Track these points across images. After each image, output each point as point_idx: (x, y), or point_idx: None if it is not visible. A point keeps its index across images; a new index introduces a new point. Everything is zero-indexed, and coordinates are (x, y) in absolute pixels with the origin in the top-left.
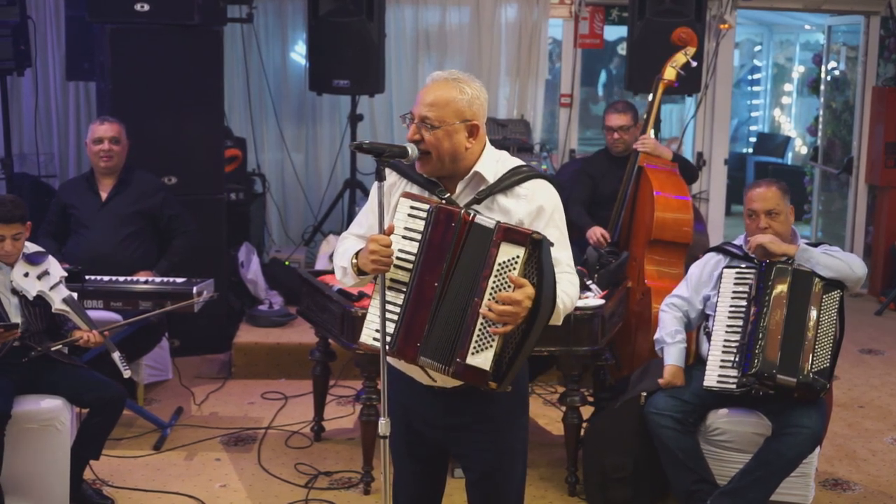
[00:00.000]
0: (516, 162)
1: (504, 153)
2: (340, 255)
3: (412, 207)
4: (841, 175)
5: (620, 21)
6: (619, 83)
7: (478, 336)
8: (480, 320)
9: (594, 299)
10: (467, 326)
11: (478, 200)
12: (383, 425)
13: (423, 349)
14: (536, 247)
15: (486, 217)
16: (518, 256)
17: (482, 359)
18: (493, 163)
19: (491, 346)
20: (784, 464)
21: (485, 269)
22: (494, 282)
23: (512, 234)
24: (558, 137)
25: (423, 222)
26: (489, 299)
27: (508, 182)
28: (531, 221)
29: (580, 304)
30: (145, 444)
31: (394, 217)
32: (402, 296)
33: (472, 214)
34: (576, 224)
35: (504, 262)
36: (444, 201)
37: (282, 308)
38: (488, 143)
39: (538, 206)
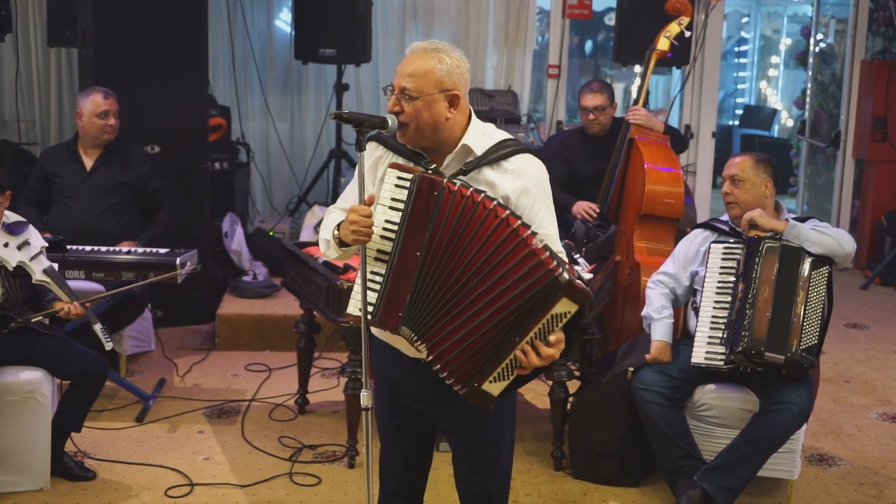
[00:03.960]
0: (503, 135)
1: (491, 126)
2: (325, 228)
3: (399, 178)
4: (828, 149)
5: None
6: (605, 54)
7: (502, 368)
8: (511, 357)
9: (582, 273)
10: (498, 358)
11: (464, 172)
12: (365, 397)
13: (406, 319)
14: (587, 304)
15: (568, 273)
16: (569, 312)
17: (496, 388)
18: (480, 135)
19: (508, 378)
20: (771, 440)
21: (539, 315)
22: (539, 328)
23: (575, 291)
24: (546, 108)
25: (408, 192)
26: (527, 342)
27: (495, 155)
28: (517, 197)
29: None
30: (127, 416)
31: (381, 189)
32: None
33: (559, 270)
34: (559, 203)
35: (556, 315)
36: (429, 172)
37: (266, 279)
38: (474, 115)
39: (525, 182)
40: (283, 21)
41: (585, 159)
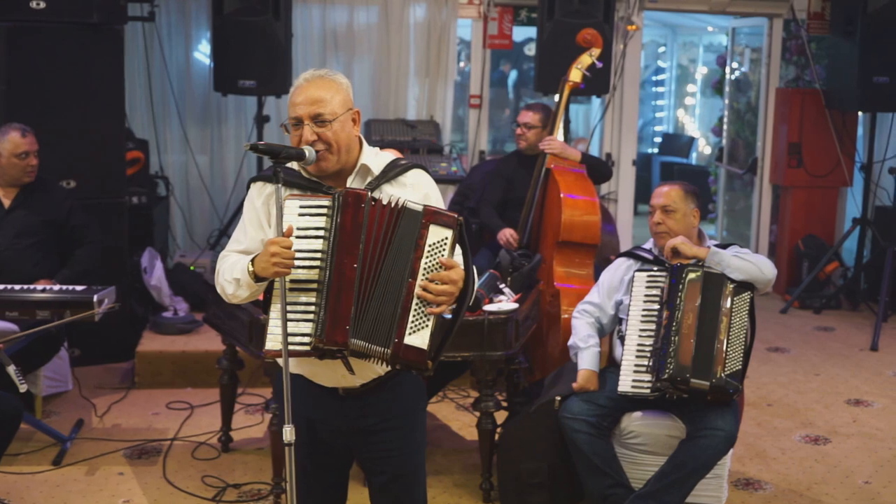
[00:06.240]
0: (390, 155)
1: (376, 148)
2: (228, 270)
3: (301, 207)
4: (745, 175)
5: (529, 22)
6: (527, 84)
7: (413, 315)
8: (416, 300)
9: (508, 303)
10: (403, 307)
11: (369, 190)
12: (287, 432)
13: (354, 331)
14: (460, 228)
15: (413, 201)
16: (446, 238)
17: (419, 338)
18: (374, 156)
19: (427, 325)
20: (699, 466)
21: (416, 250)
22: (426, 262)
23: (440, 216)
24: (468, 138)
25: (319, 218)
26: (422, 279)
27: (393, 173)
28: None
29: (493, 308)
30: (44, 460)
31: (282, 222)
32: (314, 293)
33: (399, 201)
34: (487, 226)
35: (434, 244)
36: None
37: (187, 315)
38: (361, 136)
39: (424, 193)
40: (202, 53)
41: (520, 180)
